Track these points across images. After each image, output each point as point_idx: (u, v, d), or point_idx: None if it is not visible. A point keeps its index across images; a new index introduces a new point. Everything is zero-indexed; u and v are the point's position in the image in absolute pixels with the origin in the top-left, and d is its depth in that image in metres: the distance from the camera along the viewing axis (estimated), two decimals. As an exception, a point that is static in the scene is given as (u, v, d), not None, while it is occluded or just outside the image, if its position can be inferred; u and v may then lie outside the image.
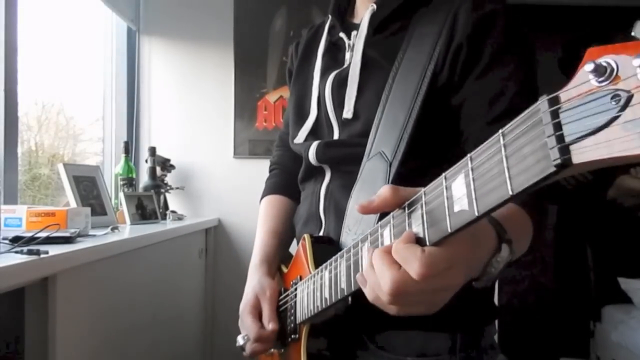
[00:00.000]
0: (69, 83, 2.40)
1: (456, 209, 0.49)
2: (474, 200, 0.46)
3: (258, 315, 1.01)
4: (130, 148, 2.56)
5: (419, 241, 0.56)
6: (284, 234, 1.17)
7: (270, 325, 0.97)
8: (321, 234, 1.01)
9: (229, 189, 2.79)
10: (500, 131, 0.44)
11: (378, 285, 0.59)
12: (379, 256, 0.59)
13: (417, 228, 0.56)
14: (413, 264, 0.54)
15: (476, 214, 0.46)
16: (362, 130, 0.94)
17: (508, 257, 0.64)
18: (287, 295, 0.99)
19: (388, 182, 0.85)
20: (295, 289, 0.95)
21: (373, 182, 0.88)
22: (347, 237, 0.91)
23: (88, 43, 2.63)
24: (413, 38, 0.92)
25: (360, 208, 0.63)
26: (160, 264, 1.96)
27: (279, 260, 1.13)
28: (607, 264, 2.94)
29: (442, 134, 0.90)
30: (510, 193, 0.42)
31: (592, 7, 3.01)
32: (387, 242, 0.62)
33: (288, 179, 1.22)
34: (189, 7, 2.79)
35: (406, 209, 0.58)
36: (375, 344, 0.90)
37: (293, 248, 1.14)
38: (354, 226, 0.89)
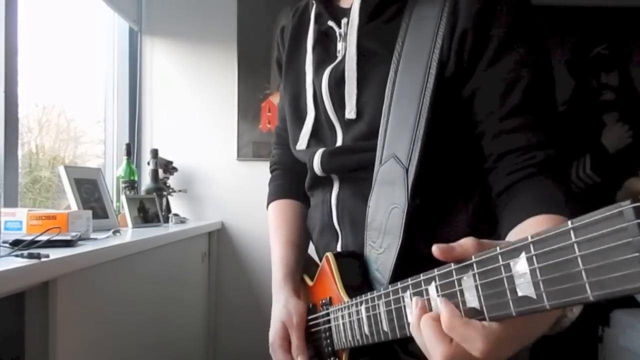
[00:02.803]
0: (70, 84, 2.39)
1: (520, 293, 0.47)
2: (544, 294, 0.45)
3: (288, 347, 0.96)
4: (132, 150, 2.54)
5: (475, 312, 0.53)
6: (301, 243, 1.10)
7: (299, 359, 0.93)
8: (339, 245, 0.96)
9: (232, 192, 2.77)
10: (570, 225, 0.41)
11: (428, 352, 0.58)
12: (429, 326, 0.57)
13: (472, 298, 0.53)
14: (476, 343, 0.52)
15: (547, 307, 0.44)
16: (368, 131, 0.88)
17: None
18: (319, 317, 0.94)
19: (408, 190, 0.80)
20: (328, 314, 0.90)
21: (391, 189, 0.83)
22: (372, 252, 0.86)
23: (89, 44, 2.62)
24: (411, 24, 0.85)
25: (439, 252, 0.56)
26: (162, 268, 1.94)
27: (302, 272, 1.08)
28: (615, 267, 2.91)
29: (456, 130, 0.84)
30: (591, 299, 0.40)
31: (599, 8, 2.99)
32: (434, 301, 0.59)
33: (292, 180, 1.16)
34: (192, 7, 2.77)
35: (454, 273, 0.55)
36: (406, 352, 0.87)
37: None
38: (378, 239, 0.84)
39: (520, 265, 0.46)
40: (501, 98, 0.79)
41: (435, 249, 0.56)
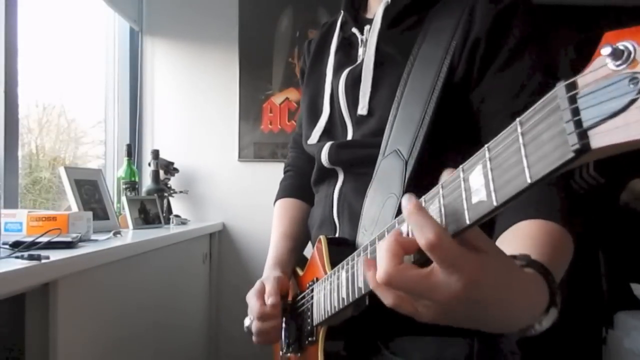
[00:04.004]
0: (70, 85, 2.38)
1: (474, 200, 0.48)
2: (492, 191, 0.46)
3: (262, 297, 1.00)
4: (132, 151, 2.53)
5: None
6: (298, 237, 1.15)
7: (270, 300, 0.96)
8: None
9: (233, 193, 2.76)
10: (517, 119, 0.43)
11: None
12: (385, 246, 0.54)
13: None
14: (426, 230, 0.49)
15: (495, 204, 0.45)
16: (376, 128, 0.92)
17: (554, 320, 0.58)
18: (304, 298, 0.97)
19: (404, 181, 0.83)
20: (312, 290, 0.93)
21: (389, 181, 0.86)
22: (364, 238, 0.88)
23: (90, 44, 2.61)
24: (429, 32, 0.89)
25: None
26: (163, 270, 1.93)
27: (294, 263, 1.12)
28: (619, 269, 2.91)
29: (459, 130, 0.88)
30: (529, 181, 0.41)
31: (604, 8, 2.98)
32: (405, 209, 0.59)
33: (302, 182, 1.21)
34: (193, 7, 2.76)
35: (424, 202, 0.56)
36: (389, 349, 0.88)
37: (307, 251, 1.13)
38: (370, 227, 0.87)
39: (476, 174, 0.48)
40: (509, 101, 0.82)
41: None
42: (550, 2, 2.93)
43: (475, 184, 0.48)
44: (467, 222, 0.48)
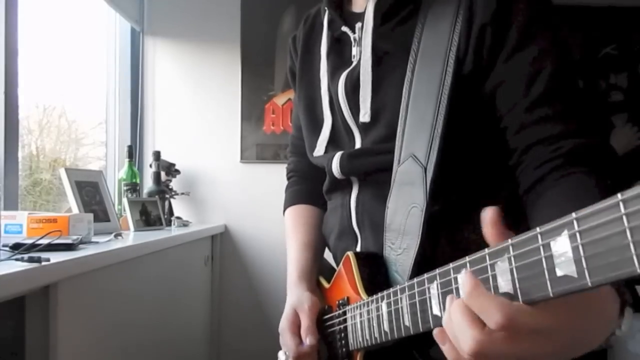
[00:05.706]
0: (71, 85, 2.37)
1: (559, 273, 0.44)
2: (586, 270, 0.42)
3: (297, 330, 0.95)
4: (134, 152, 2.52)
5: (508, 297, 0.51)
6: (317, 245, 1.10)
7: (308, 340, 0.92)
8: (359, 248, 0.95)
9: (235, 195, 2.75)
10: (619, 197, 0.39)
11: (457, 340, 0.54)
12: (460, 310, 0.53)
13: (505, 283, 0.51)
14: (494, 314, 0.49)
15: (589, 284, 0.42)
16: (386, 133, 0.87)
17: (631, 318, 0.57)
18: (334, 317, 0.93)
19: (426, 189, 0.78)
20: (344, 313, 0.89)
21: (409, 190, 0.81)
22: (391, 253, 0.84)
23: (90, 44, 2.60)
24: (427, 23, 0.84)
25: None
26: (164, 272, 1.92)
27: (317, 273, 1.07)
28: (624, 271, 2.89)
29: (476, 128, 0.83)
30: (639, 272, 0.38)
31: (608, 8, 2.97)
32: (462, 289, 0.57)
33: (309, 186, 1.16)
34: (195, 7, 2.75)
35: (487, 258, 0.53)
36: (425, 358, 0.85)
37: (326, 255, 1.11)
38: (397, 240, 0.83)
39: (561, 244, 0.44)
40: (524, 89, 0.77)
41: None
42: (555, 2, 2.92)
43: (559, 254, 0.44)
44: (551, 295, 0.46)
